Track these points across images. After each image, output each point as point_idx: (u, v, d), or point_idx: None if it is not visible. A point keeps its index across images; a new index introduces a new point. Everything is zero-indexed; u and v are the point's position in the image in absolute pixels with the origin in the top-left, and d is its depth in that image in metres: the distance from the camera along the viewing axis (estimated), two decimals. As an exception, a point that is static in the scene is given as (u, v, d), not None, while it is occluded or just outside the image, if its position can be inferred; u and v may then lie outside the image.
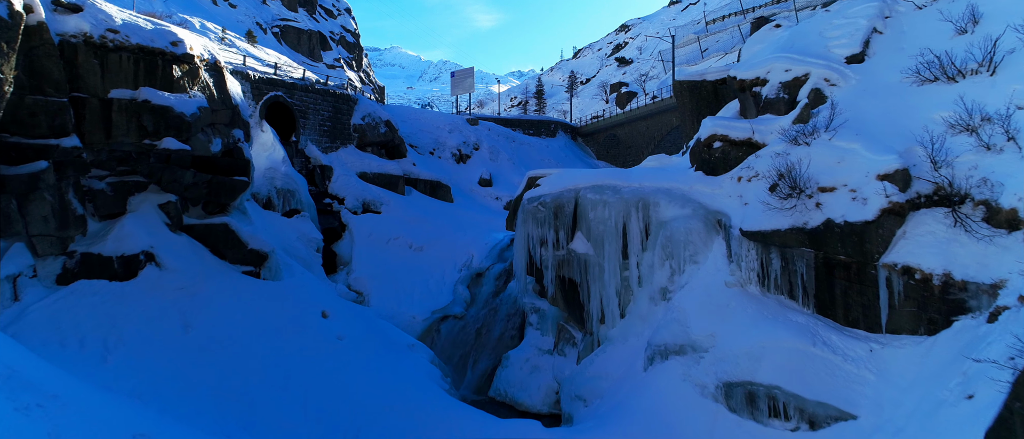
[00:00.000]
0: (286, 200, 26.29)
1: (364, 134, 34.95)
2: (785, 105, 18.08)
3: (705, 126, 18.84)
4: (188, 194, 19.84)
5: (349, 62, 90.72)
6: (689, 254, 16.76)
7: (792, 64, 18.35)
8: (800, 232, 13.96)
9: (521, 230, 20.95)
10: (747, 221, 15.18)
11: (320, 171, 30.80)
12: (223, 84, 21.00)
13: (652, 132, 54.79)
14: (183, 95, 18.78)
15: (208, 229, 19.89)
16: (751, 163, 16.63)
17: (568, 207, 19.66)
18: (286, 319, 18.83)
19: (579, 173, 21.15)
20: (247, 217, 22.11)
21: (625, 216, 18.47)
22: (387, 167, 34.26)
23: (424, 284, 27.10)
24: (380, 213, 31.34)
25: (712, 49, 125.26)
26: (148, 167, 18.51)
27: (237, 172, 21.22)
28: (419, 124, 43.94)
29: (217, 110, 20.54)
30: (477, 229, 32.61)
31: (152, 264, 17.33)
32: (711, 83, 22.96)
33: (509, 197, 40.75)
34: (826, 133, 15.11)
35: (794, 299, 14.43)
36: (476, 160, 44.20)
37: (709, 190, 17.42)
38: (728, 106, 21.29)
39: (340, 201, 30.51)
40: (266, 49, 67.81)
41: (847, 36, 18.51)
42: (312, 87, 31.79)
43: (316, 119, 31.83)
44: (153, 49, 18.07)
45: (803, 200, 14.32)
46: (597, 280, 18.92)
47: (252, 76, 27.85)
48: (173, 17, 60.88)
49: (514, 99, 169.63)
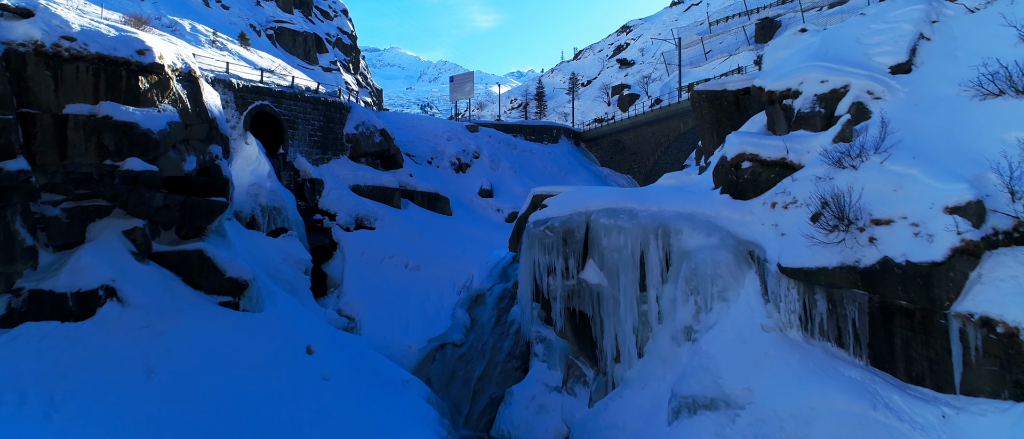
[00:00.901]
0: (272, 218, 24.39)
1: (358, 144, 33.04)
2: (821, 120, 16.20)
3: (732, 144, 16.95)
4: (159, 218, 17.95)
5: (346, 65, 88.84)
6: (717, 290, 14.86)
7: (828, 74, 16.46)
8: (851, 271, 12.06)
9: (526, 256, 19.05)
10: (786, 255, 13.30)
11: (310, 185, 28.90)
12: (199, 96, 19.11)
13: (658, 138, 52.89)
14: (151, 110, 16.87)
15: (181, 256, 17.98)
16: (787, 187, 14.74)
17: (578, 232, 17.77)
18: (266, 358, 16.93)
19: (589, 192, 19.26)
20: (226, 240, 20.22)
21: (643, 244, 16.58)
22: (382, 179, 32.36)
23: (420, 308, 25.19)
24: (374, 229, 29.43)
25: (716, 50, 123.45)
26: (112, 189, 16.61)
27: (214, 192, 19.33)
28: (416, 131, 42.05)
29: (191, 125, 18.64)
30: (477, 245, 30.71)
31: (113, 300, 15.42)
32: (732, 93, 21.08)
33: (511, 208, 38.87)
34: (876, 155, 13.21)
35: (843, 347, 12.54)
36: (476, 169, 42.30)
37: (738, 216, 15.53)
38: (753, 120, 19.41)
39: (331, 217, 28.60)
40: (259, 52, 65.99)
41: (890, 43, 16.63)
42: (302, 95, 29.89)
43: (306, 129, 29.92)
44: (116, 59, 16.17)
45: (853, 234, 12.43)
46: (611, 315, 17.03)
47: (236, 85, 25.96)
48: (163, 19, 59.06)
49: (514, 101, 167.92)
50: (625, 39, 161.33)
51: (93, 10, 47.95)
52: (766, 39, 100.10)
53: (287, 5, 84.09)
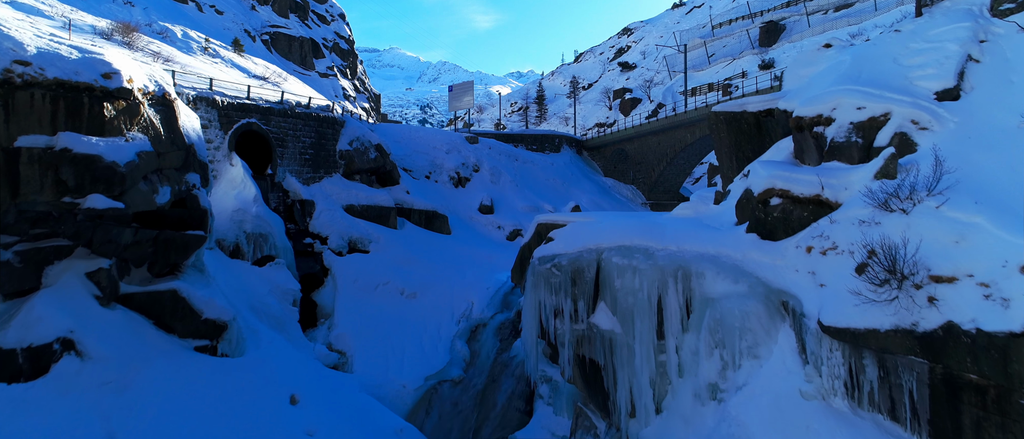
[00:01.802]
0: (257, 246, 22.79)
1: (352, 161, 31.45)
2: (858, 152, 14.60)
3: (758, 176, 15.34)
4: (128, 255, 16.35)
5: (342, 70, 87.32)
6: (746, 345, 13.25)
7: (866, 100, 14.86)
8: (908, 336, 10.45)
9: (531, 296, 17.46)
10: (828, 311, 11.68)
11: (300, 206, 27.30)
12: (174, 120, 17.52)
13: (664, 149, 51.32)
14: (117, 139, 15.28)
15: (152, 298, 16.38)
16: (824, 229, 13.14)
17: (588, 273, 16.17)
18: (244, 412, 15.32)
19: (600, 225, 17.65)
20: (205, 275, 18.61)
21: (660, 287, 14.97)
22: (377, 197, 30.75)
23: (417, 341, 23.58)
24: (368, 252, 27.83)
25: (719, 54, 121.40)
26: (74, 227, 15.01)
27: (191, 225, 17.75)
28: (414, 144, 40.48)
29: (165, 153, 17.05)
30: (477, 268, 29.14)
31: (70, 354, 13.82)
32: (753, 115, 19.50)
33: (512, 225, 37.30)
34: (930, 197, 11.61)
35: (898, 422, 10.92)
36: (476, 183, 40.72)
37: (768, 260, 13.92)
38: (778, 146, 17.81)
39: (323, 240, 27.00)
40: (253, 58, 64.39)
41: (934, 65, 15.04)
42: (292, 111, 28.30)
43: (296, 147, 28.33)
44: (77, 84, 14.59)
45: (908, 291, 10.81)
46: (626, 365, 15.41)
47: (220, 102, 24.37)
48: (153, 25, 57.47)
49: (514, 104, 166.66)
50: (626, 42, 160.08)
51: (79, 18, 46.48)
52: (770, 43, 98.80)
53: (283, 9, 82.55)
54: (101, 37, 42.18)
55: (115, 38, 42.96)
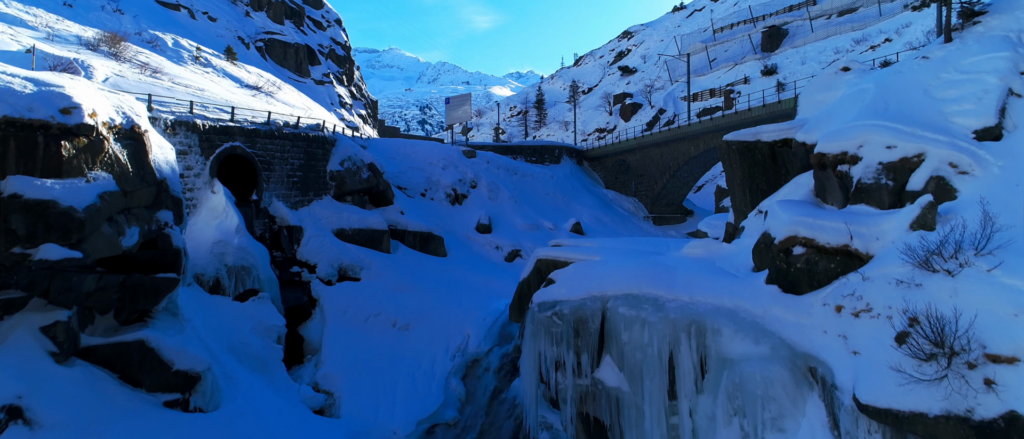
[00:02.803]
0: (239, 279, 21.46)
1: (343, 182, 30.13)
2: (889, 195, 13.30)
3: (778, 220, 14.01)
4: (92, 303, 15.03)
5: (339, 76, 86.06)
6: (770, 416, 11.90)
7: (896, 138, 13.55)
8: (962, 424, 9.11)
9: (530, 345, 16.13)
10: (865, 386, 10.34)
11: (287, 233, 25.97)
12: (144, 155, 16.19)
13: (666, 161, 49.99)
14: (77, 180, 13.96)
15: (117, 350, 15.05)
16: (856, 287, 11.80)
17: (593, 323, 14.84)
18: (215, 478, 14.00)
19: (603, 266, 16.34)
20: (179, 318, 17.27)
21: (672, 342, 13.63)
22: (369, 220, 29.42)
23: (409, 378, 22.24)
24: (360, 279, 26.49)
25: (721, 59, 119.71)
26: (27, 277, 13.69)
27: (162, 266, 16.42)
28: (409, 161, 39.16)
29: (133, 191, 15.72)
30: (474, 295, 27.81)
31: (18, 423, 12.48)
32: (768, 145, 18.18)
33: (511, 245, 35.97)
34: (980, 257, 10.30)
35: (949, 520, 9.59)
36: (473, 200, 39.41)
37: (793, 318, 12.59)
38: (797, 182, 16.48)
39: (311, 269, 25.66)
40: (247, 66, 63.02)
41: (971, 100, 13.73)
42: (279, 132, 26.95)
43: (284, 169, 26.99)
44: (30, 122, 13.27)
45: (959, 369, 9.48)
46: (634, 426, 14.07)
47: (201, 126, 23.02)
48: (143, 34, 56.12)
49: (513, 109, 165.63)
50: (626, 45, 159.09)
51: (65, 28, 45.08)
52: (773, 48, 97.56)
53: (278, 16, 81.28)
54: (86, 48, 40.81)
55: (102, 49, 41.59)
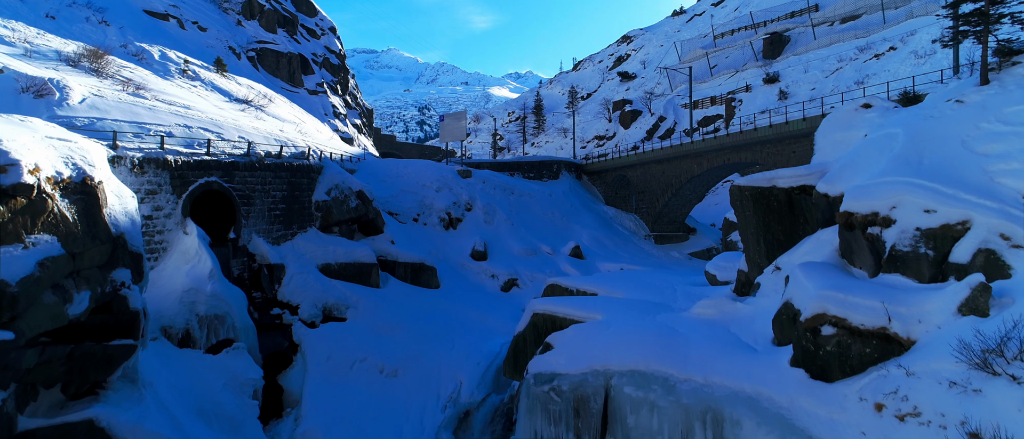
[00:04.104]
0: (213, 329, 19.88)
1: (329, 212, 28.58)
2: (929, 266, 11.76)
3: (803, 290, 12.47)
4: (34, 378, 13.45)
5: (333, 86, 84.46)
6: (801, 534, 10.36)
7: (935, 200, 12.02)
8: None
9: (525, 422, 14.54)
10: (916, 514, 8.82)
11: (268, 271, 24.39)
12: (96, 209, 14.61)
13: (668, 178, 48.44)
14: (12, 248, 12.39)
15: (61, 433, 13.46)
16: (899, 383, 10.25)
17: (594, 403, 13.28)
18: None
19: (607, 331, 14.79)
20: (138, 385, 15.68)
21: (684, 431, 12.09)
22: (357, 252, 27.85)
23: (396, 433, 20.65)
24: (345, 319, 24.92)
25: (721, 66, 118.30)
26: (-43, 359, 12.09)
27: (117, 332, 14.85)
28: (401, 183, 37.59)
29: (83, 252, 14.14)
30: (468, 334, 26.24)
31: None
32: (784, 192, 16.65)
33: (507, 274, 34.41)
34: (1051, 362, 8.78)
35: None
36: (468, 224, 37.83)
37: (824, 412, 11.03)
38: (819, 239, 14.93)
39: (293, 309, 24.09)
40: (237, 78, 61.43)
41: (1020, 157, 12.18)
42: (260, 163, 25.37)
43: (265, 203, 25.41)
44: (-44, 185, 11.68)
45: (1034, 507, 7.98)
46: (641, 525, 12.51)
47: (173, 162, 21.42)
48: (128, 47, 54.52)
49: (511, 114, 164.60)
50: (626, 50, 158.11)
51: (45, 43, 43.44)
52: (774, 55, 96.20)
53: (270, 25, 79.65)
54: (66, 64, 39.20)
55: (83, 65, 39.97)
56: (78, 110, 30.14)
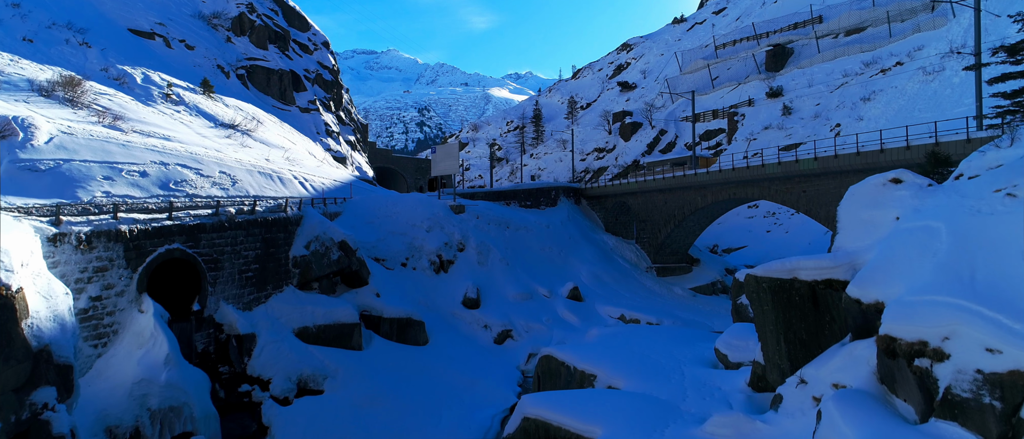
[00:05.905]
0: (167, 424, 17.85)
1: (308, 268, 26.56)
2: (997, 422, 9.68)
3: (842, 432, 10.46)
4: (-65, 532, 11.43)
5: (326, 102, 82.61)
6: None
7: (999, 337, 9.95)
8: None
9: None
10: None
11: (236, 343, 22.35)
12: (11, 323, 12.59)
13: (671, 209, 46.43)
14: None
15: None
16: None
17: None
18: None
19: None
20: (70, 517, 13.65)
21: None
22: (338, 311, 25.82)
23: (374, 536, 18.60)
24: (323, 392, 22.88)
25: (723, 77, 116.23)
26: None
27: (39, 464, 12.80)
28: (390, 224, 35.56)
29: (-7, 377, 12.11)
30: (457, 404, 24.20)
31: None
32: (808, 286, 14.64)
33: (501, 325, 32.36)
34: None
35: None
36: (461, 266, 35.79)
37: None
38: (852, 354, 12.87)
39: (264, 385, 22.04)
40: (225, 99, 59.51)
41: (1102, 281, 10.15)
42: (231, 221, 23.34)
43: (236, 265, 23.39)
44: None
45: None
46: None
47: (127, 232, 19.39)
48: (110, 71, 52.69)
49: (510, 123, 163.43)
50: (626, 58, 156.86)
51: (17, 71, 41.47)
52: (778, 68, 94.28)
53: (261, 41, 77.78)
54: (39, 93, 37.23)
55: (56, 94, 38.03)
56: (44, 152, 28.11)
